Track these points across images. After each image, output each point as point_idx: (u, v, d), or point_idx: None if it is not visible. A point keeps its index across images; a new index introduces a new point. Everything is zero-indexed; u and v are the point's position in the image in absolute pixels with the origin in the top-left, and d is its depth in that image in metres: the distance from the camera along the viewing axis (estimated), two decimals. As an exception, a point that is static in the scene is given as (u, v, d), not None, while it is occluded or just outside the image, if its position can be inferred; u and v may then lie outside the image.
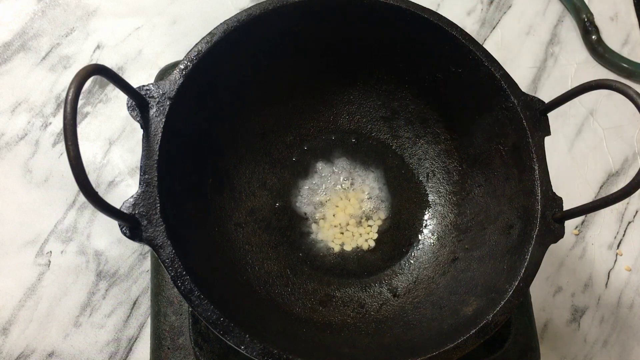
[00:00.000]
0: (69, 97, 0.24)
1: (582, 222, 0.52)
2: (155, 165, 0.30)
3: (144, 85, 0.32)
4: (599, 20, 0.58)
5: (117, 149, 0.48)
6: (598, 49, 0.57)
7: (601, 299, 0.49)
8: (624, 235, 0.52)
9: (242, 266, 0.38)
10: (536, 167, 0.34)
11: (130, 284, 0.44)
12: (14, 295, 0.43)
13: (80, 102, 0.48)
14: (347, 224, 0.42)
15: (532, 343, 0.41)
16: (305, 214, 0.42)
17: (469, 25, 0.58)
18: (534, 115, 0.35)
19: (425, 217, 0.43)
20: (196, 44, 0.33)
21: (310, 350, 0.33)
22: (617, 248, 0.51)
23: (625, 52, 0.58)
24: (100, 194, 0.26)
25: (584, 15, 0.58)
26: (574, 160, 0.54)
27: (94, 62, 0.51)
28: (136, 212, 0.29)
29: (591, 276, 0.50)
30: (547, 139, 0.35)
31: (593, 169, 0.54)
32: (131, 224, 0.29)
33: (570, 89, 0.34)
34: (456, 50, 0.37)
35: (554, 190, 0.34)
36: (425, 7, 0.37)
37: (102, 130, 0.49)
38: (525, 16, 0.59)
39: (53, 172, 0.47)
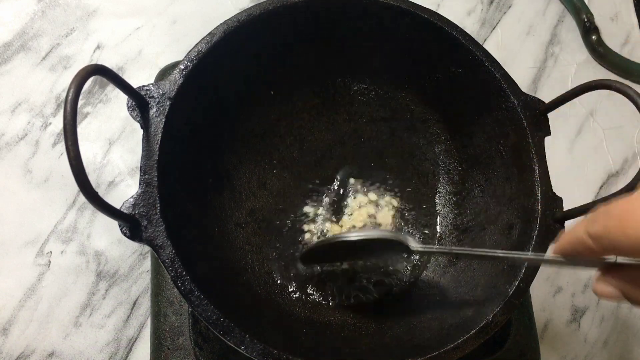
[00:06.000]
0: (69, 97, 0.24)
1: (582, 222, 0.52)
2: (155, 165, 0.30)
3: (144, 86, 0.32)
4: (599, 20, 0.58)
5: (117, 149, 0.48)
6: (598, 49, 0.57)
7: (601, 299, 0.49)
8: (624, 235, 0.52)
9: (242, 266, 0.38)
10: (536, 167, 0.34)
11: (130, 284, 0.44)
12: (14, 295, 0.43)
13: (80, 102, 0.48)
14: (347, 224, 0.42)
15: (532, 343, 0.41)
16: (305, 214, 0.42)
17: (469, 25, 0.58)
18: (534, 116, 0.35)
19: (426, 217, 0.43)
20: (196, 44, 0.33)
21: (310, 350, 0.33)
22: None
23: (625, 52, 0.58)
24: (100, 194, 0.26)
25: (584, 16, 0.58)
26: (574, 160, 0.54)
27: (94, 62, 0.51)
28: (136, 212, 0.29)
29: (591, 276, 0.50)
30: (547, 139, 0.35)
31: (593, 169, 0.54)
32: (131, 224, 0.29)
33: (570, 89, 0.34)
34: (456, 51, 0.37)
35: (554, 190, 0.34)
36: (425, 8, 0.37)
37: (102, 130, 0.49)
38: (525, 16, 0.59)
39: (53, 172, 0.47)
